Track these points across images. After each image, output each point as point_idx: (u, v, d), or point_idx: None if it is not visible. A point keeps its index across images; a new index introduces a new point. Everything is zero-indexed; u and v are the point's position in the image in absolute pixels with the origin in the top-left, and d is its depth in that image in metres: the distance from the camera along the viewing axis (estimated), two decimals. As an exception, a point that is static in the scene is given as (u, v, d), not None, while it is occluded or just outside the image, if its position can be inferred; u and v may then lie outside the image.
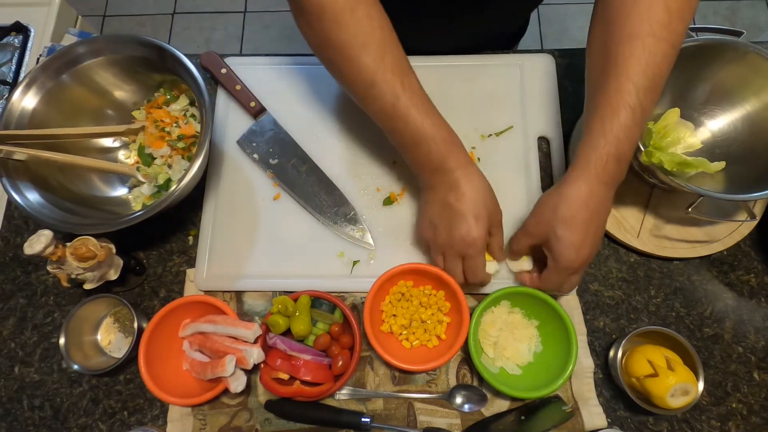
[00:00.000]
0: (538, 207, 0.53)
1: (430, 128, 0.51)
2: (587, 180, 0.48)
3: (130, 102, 0.67)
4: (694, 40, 0.57)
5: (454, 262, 0.55)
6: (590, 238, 0.49)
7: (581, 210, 0.48)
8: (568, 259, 0.50)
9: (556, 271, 0.52)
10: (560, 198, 0.49)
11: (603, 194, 0.49)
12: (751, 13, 1.77)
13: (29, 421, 0.59)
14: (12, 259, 0.65)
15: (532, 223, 0.53)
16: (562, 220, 0.49)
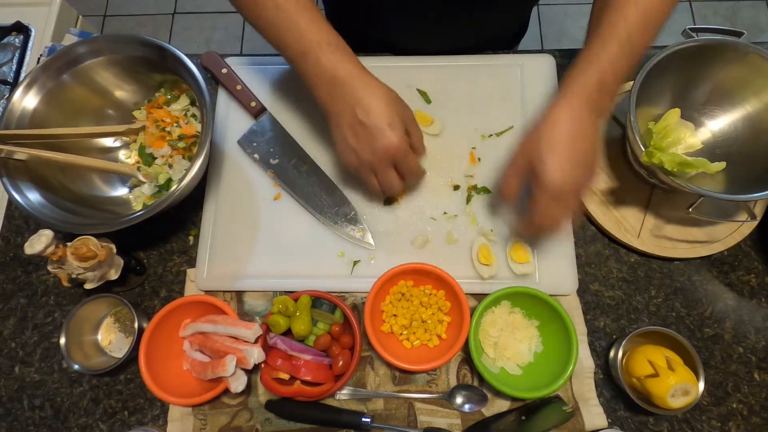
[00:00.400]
0: (523, 138, 0.52)
1: (315, 34, 0.50)
2: (569, 103, 0.48)
3: (130, 102, 0.67)
4: (695, 41, 0.57)
5: (387, 175, 0.54)
6: (576, 161, 0.48)
7: (564, 131, 0.48)
8: (553, 181, 0.47)
9: (543, 198, 0.49)
10: (543, 123, 0.49)
11: (587, 119, 0.48)
12: (751, 14, 1.77)
13: (29, 420, 0.59)
14: (12, 259, 0.65)
15: (518, 154, 0.52)
16: (545, 143, 0.48)
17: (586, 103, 0.48)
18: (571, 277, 0.61)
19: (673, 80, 0.61)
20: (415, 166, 0.55)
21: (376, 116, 0.50)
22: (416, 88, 0.69)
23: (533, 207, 0.51)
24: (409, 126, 0.54)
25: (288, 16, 0.50)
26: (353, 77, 0.51)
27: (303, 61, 0.51)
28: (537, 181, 0.49)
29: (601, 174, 0.65)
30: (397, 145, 0.51)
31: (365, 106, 0.50)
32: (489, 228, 0.62)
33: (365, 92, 0.50)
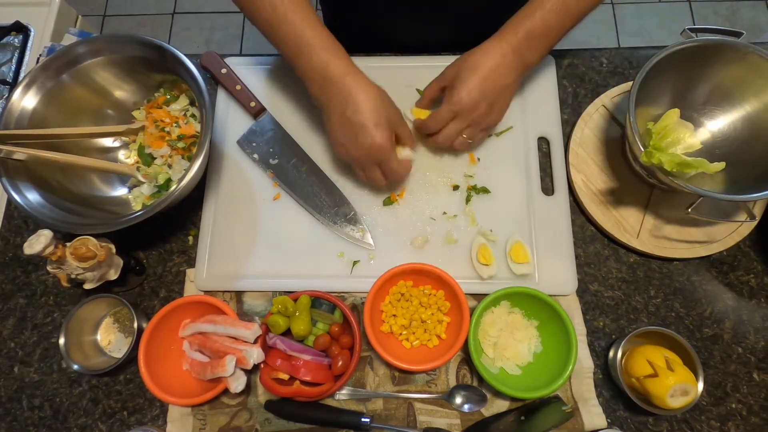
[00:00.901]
0: (456, 61, 0.59)
1: (309, 35, 0.53)
2: (499, 41, 0.56)
3: (130, 102, 0.67)
4: (694, 41, 0.57)
5: (372, 172, 0.57)
6: (484, 92, 0.55)
7: (485, 65, 0.55)
8: (457, 98, 0.56)
9: (444, 108, 0.57)
10: (476, 52, 0.57)
11: (509, 61, 0.55)
12: (751, 14, 1.77)
13: (29, 420, 0.59)
14: (12, 259, 0.65)
15: (447, 69, 0.59)
16: (467, 68, 0.56)
17: (512, 47, 0.55)
18: (570, 277, 0.61)
19: (672, 80, 0.61)
20: (396, 167, 0.57)
21: (363, 115, 0.52)
22: (416, 88, 0.69)
23: (433, 114, 0.59)
24: (397, 127, 0.57)
25: (283, 17, 0.52)
26: (345, 75, 0.53)
27: (297, 59, 0.54)
28: (449, 95, 0.57)
29: (600, 174, 0.65)
30: (380, 145, 0.54)
31: (354, 104, 0.52)
32: (488, 228, 0.62)
33: (355, 90, 0.53)
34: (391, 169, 0.56)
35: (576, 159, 0.66)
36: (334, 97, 0.53)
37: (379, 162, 0.56)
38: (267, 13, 0.53)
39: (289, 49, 0.54)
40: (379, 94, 0.54)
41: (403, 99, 0.68)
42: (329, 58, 0.53)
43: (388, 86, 0.67)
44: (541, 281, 0.61)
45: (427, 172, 0.66)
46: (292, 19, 0.52)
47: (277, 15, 0.52)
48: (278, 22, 0.53)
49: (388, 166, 0.56)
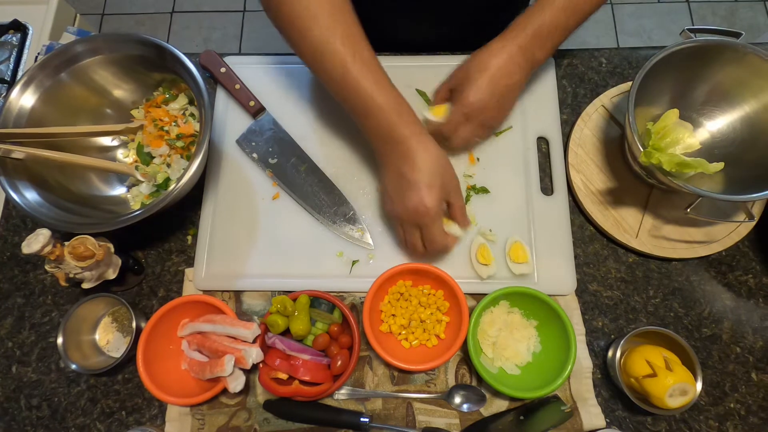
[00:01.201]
0: (464, 62, 0.59)
1: (379, 98, 0.52)
2: (506, 39, 0.56)
3: (128, 101, 0.67)
4: (693, 41, 0.57)
5: (412, 233, 0.56)
6: (494, 93, 0.56)
7: (494, 65, 0.55)
8: (467, 100, 0.56)
9: (456, 111, 0.57)
10: (483, 52, 0.57)
11: (516, 61, 0.56)
12: (749, 14, 1.78)
13: (27, 420, 0.59)
14: (10, 258, 0.65)
15: (456, 70, 0.59)
16: (475, 69, 0.56)
17: (519, 47, 0.55)
18: (569, 277, 0.61)
19: (671, 81, 0.61)
20: (437, 235, 0.55)
21: (417, 173, 0.52)
22: (416, 89, 0.69)
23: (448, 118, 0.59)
24: (451, 195, 0.55)
25: (354, 81, 0.51)
26: (410, 136, 0.52)
27: (366, 119, 0.53)
28: (458, 97, 0.57)
29: (599, 174, 0.65)
30: (427, 207, 0.52)
31: (412, 162, 0.52)
32: (488, 228, 0.62)
33: (417, 149, 0.52)
34: (431, 236, 0.54)
35: (575, 159, 0.66)
36: (395, 154, 0.53)
37: (421, 225, 0.54)
38: (337, 76, 0.52)
39: (357, 110, 0.53)
40: (440, 159, 0.53)
41: (403, 98, 0.69)
42: (397, 121, 0.52)
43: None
44: (540, 281, 0.61)
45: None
46: (364, 83, 0.51)
47: (347, 77, 0.51)
48: (348, 84, 0.52)
49: (428, 232, 0.54)
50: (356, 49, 0.51)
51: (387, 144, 0.54)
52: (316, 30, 0.51)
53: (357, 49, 0.52)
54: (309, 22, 0.51)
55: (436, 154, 0.53)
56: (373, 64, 0.53)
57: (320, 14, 0.51)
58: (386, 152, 0.54)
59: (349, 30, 0.52)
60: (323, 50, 0.51)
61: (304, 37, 0.52)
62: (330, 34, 0.51)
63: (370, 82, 0.51)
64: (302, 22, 0.51)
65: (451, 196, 0.55)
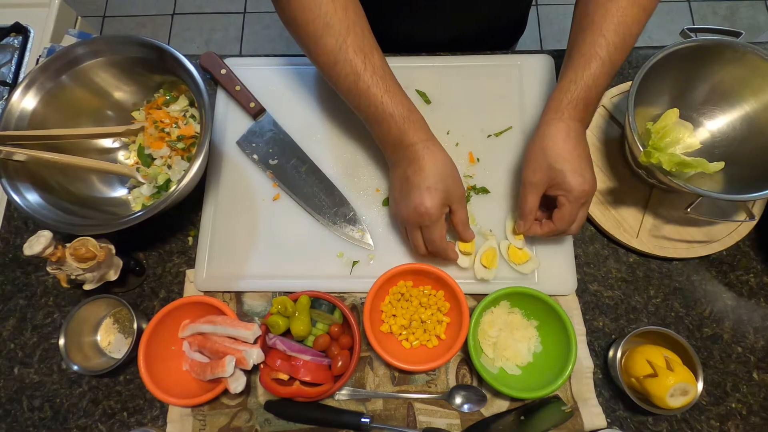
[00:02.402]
0: (528, 159, 0.56)
1: (389, 106, 0.53)
2: (561, 119, 0.53)
3: (129, 103, 0.67)
4: (693, 41, 0.57)
5: (414, 234, 0.57)
6: (585, 165, 0.53)
7: (566, 142, 0.53)
8: (578, 186, 0.52)
9: (569, 203, 0.53)
10: (544, 140, 0.54)
11: (578, 129, 0.54)
12: (750, 14, 1.78)
13: (29, 421, 0.59)
14: (12, 260, 0.65)
15: (530, 174, 0.55)
16: (555, 156, 0.53)
17: (574, 117, 0.53)
18: (570, 277, 0.61)
19: (671, 80, 0.61)
20: (437, 238, 0.55)
21: (420, 176, 0.53)
22: (415, 89, 0.69)
23: (560, 216, 0.55)
24: (454, 202, 0.56)
25: (366, 89, 0.53)
26: (418, 142, 0.54)
27: (376, 126, 0.55)
28: (561, 188, 0.53)
29: (599, 174, 0.65)
30: (427, 208, 0.53)
31: (418, 165, 0.53)
32: (488, 228, 0.62)
33: (424, 154, 0.53)
34: (431, 237, 0.55)
35: (575, 159, 0.66)
36: (403, 158, 0.55)
37: (422, 227, 0.55)
38: (350, 83, 0.53)
39: (369, 117, 0.55)
40: (446, 166, 0.54)
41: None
42: (407, 128, 0.54)
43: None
44: (541, 281, 0.61)
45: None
46: (374, 90, 0.53)
47: (359, 85, 0.53)
48: (359, 91, 0.53)
49: (428, 233, 0.55)
50: (367, 58, 0.53)
51: (396, 150, 0.55)
52: (330, 38, 0.52)
53: (368, 58, 0.53)
54: (322, 30, 0.52)
55: (442, 160, 0.54)
56: (385, 72, 0.54)
57: (333, 23, 0.51)
58: (395, 158, 0.56)
59: (360, 40, 0.53)
60: (336, 58, 0.52)
61: (317, 44, 0.53)
62: (343, 43, 0.52)
63: (381, 90, 0.53)
64: (316, 28, 0.52)
65: (454, 204, 0.56)
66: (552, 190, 0.55)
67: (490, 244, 0.61)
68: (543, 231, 0.57)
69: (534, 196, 0.56)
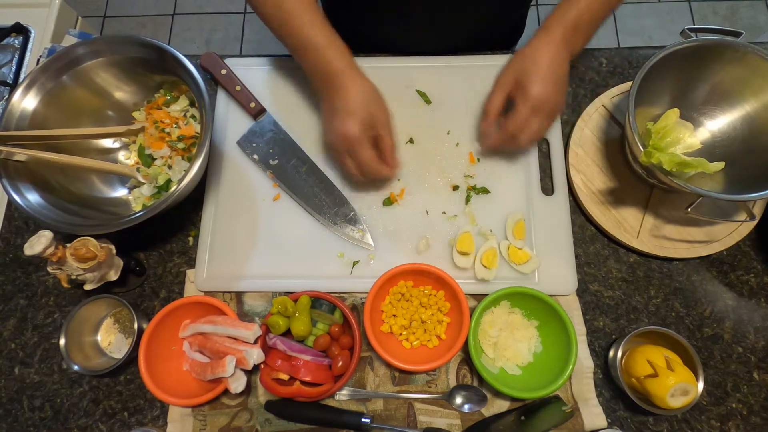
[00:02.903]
0: (508, 65, 0.59)
1: (314, 35, 0.56)
2: (549, 38, 0.56)
3: (130, 103, 0.67)
4: (694, 41, 0.57)
5: (344, 160, 0.58)
6: (554, 83, 0.56)
7: (546, 59, 0.56)
8: (537, 92, 0.55)
9: (524, 108, 0.56)
10: (528, 50, 0.57)
11: (562, 52, 0.56)
12: (750, 14, 1.77)
13: (29, 421, 0.59)
14: (12, 260, 0.65)
15: (501, 75, 0.59)
16: (531, 65, 0.56)
17: (562, 39, 0.56)
18: (570, 277, 0.61)
19: (672, 80, 0.61)
20: (366, 159, 0.57)
21: (344, 102, 0.55)
22: (415, 89, 0.69)
23: (512, 117, 0.58)
24: (379, 128, 0.57)
25: (290, 17, 0.56)
26: (343, 71, 0.56)
27: (303, 56, 0.57)
28: (522, 94, 0.57)
29: (600, 174, 0.65)
30: (347, 133, 0.55)
31: (343, 94, 0.55)
32: (488, 228, 0.62)
33: (348, 83, 0.55)
34: (359, 161, 0.57)
35: (576, 159, 0.66)
36: (329, 89, 0.57)
37: (350, 152, 0.57)
38: (274, 10, 0.56)
39: (295, 47, 0.57)
40: (369, 91, 0.56)
41: (403, 99, 0.69)
42: (332, 57, 0.56)
43: (388, 86, 0.67)
44: (541, 281, 0.61)
45: (426, 173, 0.66)
46: (299, 21, 0.55)
47: (285, 16, 0.56)
48: (286, 22, 0.56)
49: (357, 156, 0.57)
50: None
51: (323, 79, 0.57)
52: None
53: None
54: None
55: (364, 86, 0.56)
56: (309, 4, 0.56)
57: None
58: (323, 87, 0.58)
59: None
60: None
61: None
62: None
63: (306, 21, 0.55)
64: None
65: (380, 129, 0.57)
66: (514, 91, 0.58)
67: (490, 244, 0.61)
68: (496, 139, 0.60)
69: (499, 95, 0.59)
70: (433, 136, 0.67)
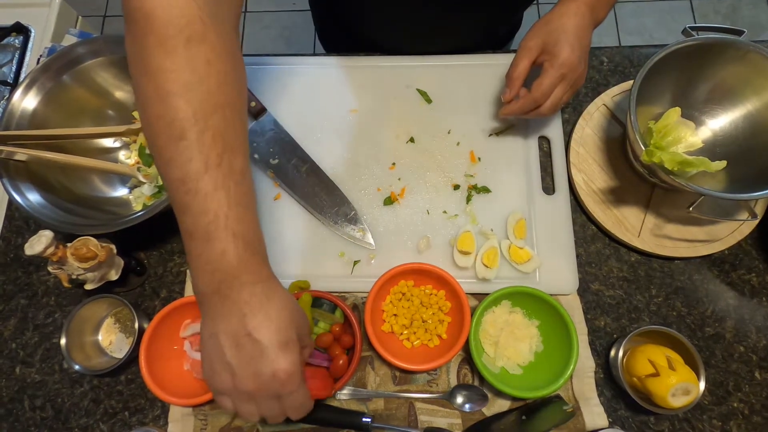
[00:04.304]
0: (531, 29, 0.58)
1: (234, 222, 0.37)
2: (576, 5, 0.56)
3: (130, 102, 0.67)
4: (695, 39, 0.57)
5: (269, 405, 0.40)
6: (581, 50, 0.55)
7: (573, 25, 0.55)
8: (566, 55, 0.54)
9: (552, 68, 0.55)
10: (552, 14, 0.57)
11: (588, 20, 0.56)
12: (752, 12, 1.77)
13: (30, 421, 0.59)
14: (13, 260, 0.65)
15: (527, 39, 0.58)
16: (556, 26, 0.55)
17: (588, 7, 0.56)
18: (571, 276, 0.61)
19: (673, 79, 0.61)
20: (304, 400, 0.41)
21: (269, 332, 0.38)
22: (416, 88, 0.69)
23: (539, 82, 0.56)
24: (304, 340, 0.42)
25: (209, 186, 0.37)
26: (260, 281, 0.39)
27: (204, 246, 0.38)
28: (551, 59, 0.56)
29: (601, 173, 0.65)
30: (290, 375, 0.38)
31: (262, 317, 0.38)
32: (489, 227, 0.62)
33: (266, 299, 0.38)
34: (296, 402, 0.41)
35: (577, 158, 0.66)
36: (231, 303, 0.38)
37: (281, 395, 0.39)
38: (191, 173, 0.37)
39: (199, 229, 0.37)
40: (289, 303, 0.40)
41: (403, 99, 0.69)
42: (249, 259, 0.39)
43: (388, 86, 0.67)
44: (542, 280, 0.60)
45: (427, 172, 0.66)
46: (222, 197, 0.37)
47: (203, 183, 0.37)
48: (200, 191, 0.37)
49: (292, 400, 0.40)
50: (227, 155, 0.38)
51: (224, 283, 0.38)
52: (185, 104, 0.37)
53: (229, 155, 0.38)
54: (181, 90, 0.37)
55: (285, 298, 0.40)
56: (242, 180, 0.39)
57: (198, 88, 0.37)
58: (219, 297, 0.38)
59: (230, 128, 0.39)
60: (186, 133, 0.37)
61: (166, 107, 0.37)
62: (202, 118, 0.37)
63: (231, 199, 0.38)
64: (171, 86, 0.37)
65: (304, 341, 0.42)
66: (542, 56, 0.57)
67: (491, 243, 0.61)
68: (519, 105, 0.59)
69: (526, 60, 0.57)
70: (433, 136, 0.67)
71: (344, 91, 0.69)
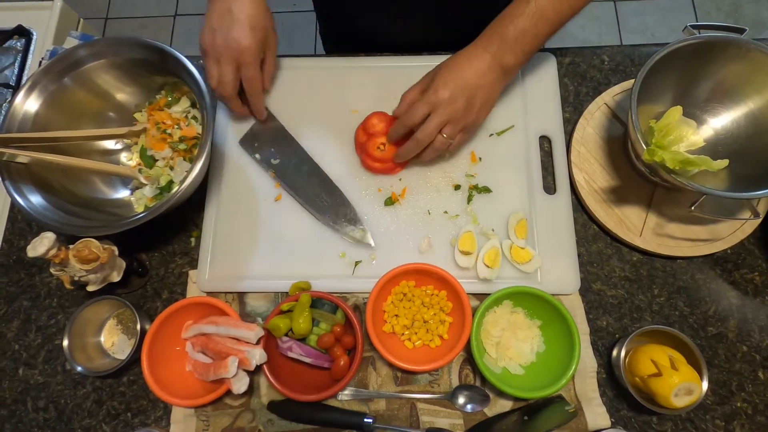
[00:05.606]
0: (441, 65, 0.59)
1: None
2: (477, 45, 0.58)
3: (131, 104, 0.67)
4: (697, 38, 0.57)
5: (227, 68, 0.59)
6: (461, 87, 0.56)
7: (461, 62, 0.57)
8: (433, 90, 0.56)
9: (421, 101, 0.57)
10: (456, 54, 0.58)
11: (487, 61, 0.56)
12: (753, 10, 1.76)
13: (33, 422, 0.59)
14: (16, 262, 0.66)
15: (427, 73, 0.60)
16: (446, 65, 0.58)
17: (489, 50, 0.56)
18: (573, 276, 0.61)
19: (674, 78, 0.61)
20: (254, 76, 0.60)
21: (245, 13, 0.57)
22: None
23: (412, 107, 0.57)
24: (268, 48, 0.61)
25: None
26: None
27: None
28: (425, 90, 0.57)
29: (602, 172, 0.65)
30: (247, 46, 0.57)
31: (243, 4, 0.57)
32: (490, 227, 0.62)
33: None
34: (249, 75, 0.59)
35: (578, 157, 0.65)
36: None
37: (240, 64, 0.58)
38: None
39: None
40: (266, 10, 0.59)
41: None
42: None
43: (388, 86, 0.67)
44: (544, 280, 0.60)
45: (428, 172, 0.65)
46: None
47: None
48: None
49: (246, 69, 0.59)
50: None
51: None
52: None
53: None
54: None
55: (263, 5, 0.59)
56: None
57: None
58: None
59: None
60: None
61: None
62: None
63: None
64: None
65: (268, 51, 0.61)
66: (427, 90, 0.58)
67: (492, 243, 0.61)
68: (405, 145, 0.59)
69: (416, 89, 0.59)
70: (434, 136, 0.67)
71: (345, 92, 0.69)
